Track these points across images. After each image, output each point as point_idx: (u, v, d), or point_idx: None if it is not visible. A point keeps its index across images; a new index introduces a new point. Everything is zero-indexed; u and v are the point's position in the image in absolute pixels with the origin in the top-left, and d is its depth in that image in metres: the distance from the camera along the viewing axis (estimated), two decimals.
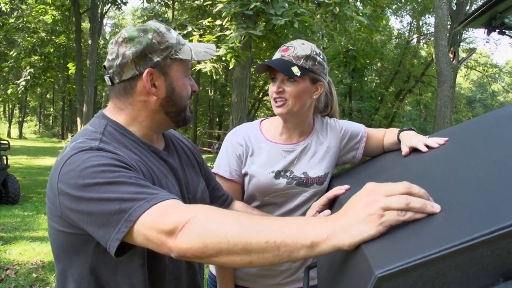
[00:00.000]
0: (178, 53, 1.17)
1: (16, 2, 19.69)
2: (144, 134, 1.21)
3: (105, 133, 1.13)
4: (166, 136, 1.35)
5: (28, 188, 10.59)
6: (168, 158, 1.26)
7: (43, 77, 24.66)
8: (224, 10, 8.52)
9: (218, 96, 30.04)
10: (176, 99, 1.20)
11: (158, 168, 1.19)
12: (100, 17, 23.93)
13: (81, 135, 1.11)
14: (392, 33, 28.21)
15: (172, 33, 1.19)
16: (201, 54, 1.22)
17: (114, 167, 0.99)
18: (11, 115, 40.90)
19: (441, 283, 0.62)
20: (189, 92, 1.24)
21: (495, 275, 0.62)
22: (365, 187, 0.81)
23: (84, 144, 1.04)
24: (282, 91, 1.60)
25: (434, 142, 1.40)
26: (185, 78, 1.22)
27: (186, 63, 1.21)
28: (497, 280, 0.62)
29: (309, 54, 1.60)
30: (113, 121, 1.18)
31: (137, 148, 1.16)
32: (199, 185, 1.36)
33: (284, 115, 1.63)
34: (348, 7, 8.50)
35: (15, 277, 4.52)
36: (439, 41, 11.97)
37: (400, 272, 0.62)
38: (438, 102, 12.36)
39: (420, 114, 30.55)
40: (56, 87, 36.95)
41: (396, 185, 0.77)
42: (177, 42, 1.19)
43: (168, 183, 1.19)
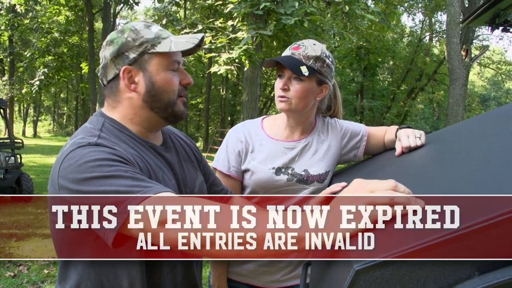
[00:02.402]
0: (156, 47, 1.19)
1: (30, 3, 19.98)
2: (138, 131, 1.24)
3: (103, 130, 1.17)
4: (164, 133, 1.39)
5: (42, 186, 10.74)
6: (165, 153, 1.30)
7: (56, 76, 24.93)
8: (234, 10, 8.56)
9: (230, 95, 30.10)
10: (157, 94, 1.21)
11: (155, 162, 1.22)
12: (112, 17, 24.18)
13: (80, 132, 1.16)
14: (404, 31, 28.00)
15: (151, 29, 1.21)
16: (181, 44, 1.20)
17: (111, 162, 1.03)
18: (25, 114, 41.47)
19: (417, 276, 0.65)
20: (175, 86, 1.23)
21: (470, 269, 0.65)
22: (351, 184, 0.83)
23: (83, 140, 1.09)
24: (287, 88, 1.62)
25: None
26: (167, 71, 1.21)
27: (168, 56, 1.20)
28: (473, 274, 0.64)
29: (319, 55, 1.61)
30: (110, 118, 1.23)
31: (134, 144, 1.20)
32: (197, 180, 1.39)
33: (286, 111, 1.66)
34: (357, 6, 8.48)
35: (27, 273, 4.63)
36: (451, 39, 11.88)
37: (377, 265, 0.64)
38: (450, 100, 12.26)
39: (433, 112, 30.29)
40: (69, 87, 37.40)
41: (382, 182, 0.80)
42: (156, 37, 1.19)
43: (164, 177, 1.22)
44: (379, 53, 21.11)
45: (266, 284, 1.76)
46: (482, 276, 0.63)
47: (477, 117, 1.58)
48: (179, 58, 1.24)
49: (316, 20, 8.73)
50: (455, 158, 1.15)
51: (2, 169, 8.39)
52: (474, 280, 0.63)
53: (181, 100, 1.26)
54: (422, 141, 1.54)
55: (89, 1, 20.39)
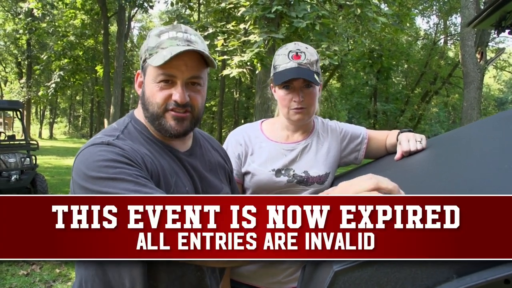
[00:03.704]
0: (150, 57, 1.20)
1: (48, 7, 20.34)
2: (159, 134, 1.26)
3: (125, 131, 1.22)
4: (196, 140, 1.39)
5: (56, 187, 10.89)
6: (188, 159, 1.30)
7: (72, 79, 25.33)
8: (246, 13, 8.60)
9: (243, 98, 30.16)
10: (146, 103, 1.23)
11: (171, 166, 1.24)
12: (127, 20, 24.49)
13: (103, 131, 1.23)
14: (419, 33, 27.77)
15: (161, 38, 1.20)
16: (160, 58, 1.16)
17: (118, 163, 1.07)
18: (42, 116, 42.07)
19: (396, 278, 0.66)
20: (158, 99, 1.19)
21: (449, 272, 0.66)
22: (337, 187, 0.84)
23: (100, 139, 1.15)
24: (303, 100, 1.64)
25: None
26: (154, 83, 1.20)
27: (156, 69, 1.18)
28: (451, 277, 0.65)
29: (317, 58, 1.65)
30: (136, 120, 1.28)
31: (152, 146, 1.23)
32: (221, 190, 1.39)
33: (303, 121, 1.68)
34: (369, 8, 8.45)
35: (40, 272, 4.74)
36: (466, 42, 11.74)
37: (356, 267, 0.66)
38: (465, 103, 12.11)
39: (449, 116, 29.94)
40: (85, 89, 37.84)
41: (365, 182, 0.81)
42: (155, 46, 1.20)
43: (178, 181, 1.23)
44: (393, 56, 20.95)
45: (268, 286, 1.78)
46: (460, 278, 0.64)
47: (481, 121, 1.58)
48: (175, 72, 1.18)
49: (328, 23, 8.71)
50: (455, 161, 1.15)
51: (17, 170, 8.54)
52: (452, 282, 0.64)
53: (172, 115, 1.21)
54: (423, 145, 1.55)
55: (104, 5, 20.66)
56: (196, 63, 1.20)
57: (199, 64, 1.21)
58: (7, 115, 18.02)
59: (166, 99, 1.20)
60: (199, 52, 1.18)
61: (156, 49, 1.19)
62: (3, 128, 17.39)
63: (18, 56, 31.57)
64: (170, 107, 1.20)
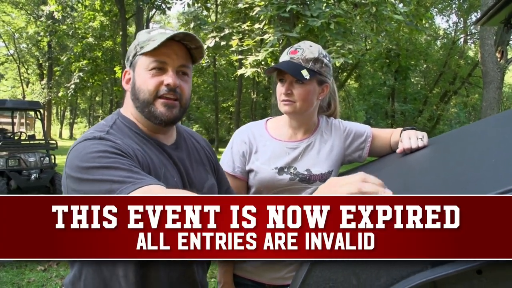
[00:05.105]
0: (143, 48, 1.27)
1: (68, 10, 20.71)
2: (145, 129, 1.32)
3: (113, 126, 1.27)
4: (179, 133, 1.45)
5: None
6: (174, 152, 1.35)
7: (91, 80, 25.71)
8: (261, 13, 8.62)
9: (261, 98, 30.17)
10: (136, 93, 1.29)
11: (159, 159, 1.28)
12: (146, 21, 24.73)
13: (93, 128, 1.28)
14: (438, 33, 27.36)
15: (151, 34, 1.29)
16: (157, 41, 1.23)
17: (111, 154, 1.12)
18: (62, 117, 42.87)
19: (371, 268, 0.67)
20: (150, 85, 1.26)
21: (423, 262, 0.67)
22: (327, 181, 0.87)
23: (92, 134, 1.19)
24: (290, 93, 1.65)
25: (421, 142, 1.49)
26: (147, 71, 1.26)
27: (150, 56, 1.25)
28: (425, 267, 0.67)
29: (317, 57, 1.65)
30: (123, 116, 1.34)
31: (140, 140, 1.28)
32: (206, 182, 1.43)
33: (291, 113, 1.70)
34: (385, 7, 8.39)
35: (56, 268, 4.89)
36: (485, 40, 11.54)
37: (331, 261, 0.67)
38: (484, 104, 11.91)
39: (469, 116, 29.43)
40: (104, 90, 38.35)
41: (352, 176, 0.83)
42: (147, 39, 1.27)
43: (166, 173, 1.27)
44: (411, 55, 20.70)
45: (271, 281, 1.79)
46: (434, 269, 0.65)
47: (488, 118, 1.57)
48: (167, 59, 1.25)
49: (343, 22, 8.68)
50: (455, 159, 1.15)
51: (37, 169, 8.73)
52: (426, 272, 0.66)
53: (162, 101, 1.26)
54: (424, 142, 1.55)
55: (122, 6, 20.92)
56: (185, 54, 1.29)
57: (186, 56, 1.30)
58: (28, 115, 18.38)
59: (157, 86, 1.25)
60: (189, 36, 1.25)
61: (148, 41, 1.26)
62: (24, 128, 17.74)
63: (39, 58, 32.24)
64: (160, 93, 1.26)
